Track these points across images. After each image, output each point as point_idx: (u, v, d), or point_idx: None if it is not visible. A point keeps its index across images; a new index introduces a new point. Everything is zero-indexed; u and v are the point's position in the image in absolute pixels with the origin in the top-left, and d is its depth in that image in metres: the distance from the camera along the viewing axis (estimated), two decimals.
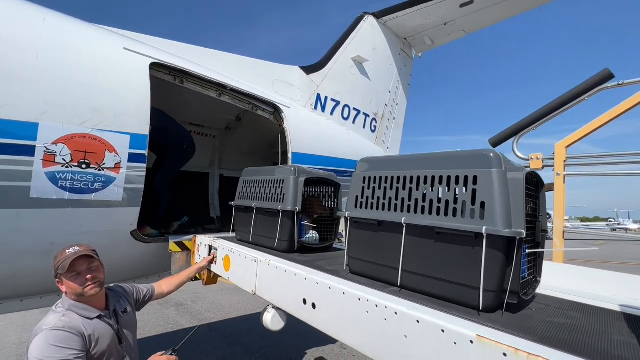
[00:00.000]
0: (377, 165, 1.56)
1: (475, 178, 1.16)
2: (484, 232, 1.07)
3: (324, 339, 5.05)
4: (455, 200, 1.21)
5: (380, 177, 1.47)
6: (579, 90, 2.14)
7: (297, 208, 2.10)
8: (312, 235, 2.29)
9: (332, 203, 2.51)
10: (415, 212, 1.31)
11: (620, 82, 2.08)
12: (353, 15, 5.61)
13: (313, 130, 4.03)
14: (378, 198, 1.46)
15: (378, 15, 5.52)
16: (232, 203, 2.71)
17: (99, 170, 2.25)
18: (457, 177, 1.21)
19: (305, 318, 1.59)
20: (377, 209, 1.45)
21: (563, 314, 1.19)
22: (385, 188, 1.44)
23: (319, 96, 4.78)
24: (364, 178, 1.55)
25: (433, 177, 1.29)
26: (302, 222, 2.21)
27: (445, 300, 1.22)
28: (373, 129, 5.75)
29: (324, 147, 4.00)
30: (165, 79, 2.91)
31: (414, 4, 5.10)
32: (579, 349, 0.87)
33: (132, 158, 2.40)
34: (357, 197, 1.56)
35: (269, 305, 1.86)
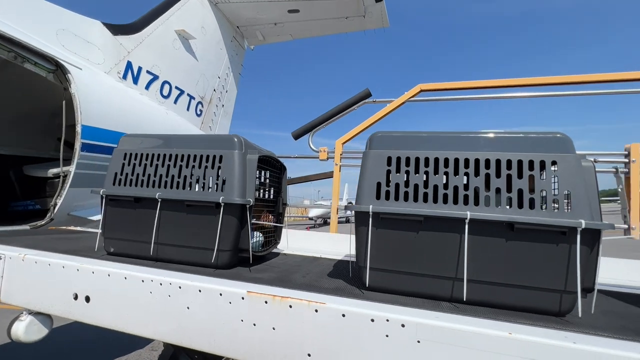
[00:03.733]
0: (408, 142, 1.18)
1: (553, 163, 1.02)
2: (583, 226, 0.93)
3: (127, 345, 4.42)
4: (523, 190, 1.03)
5: (417, 159, 1.13)
6: (349, 102, 2.87)
7: (251, 200, 1.44)
8: (258, 238, 1.67)
9: (275, 193, 1.87)
10: (477, 204, 1.05)
11: (375, 100, 2.90)
12: None
13: (117, 102, 3.39)
14: (416, 186, 1.11)
15: None
16: (102, 192, 1.60)
17: None
18: (531, 162, 1.03)
19: (78, 315, 1.35)
20: (416, 200, 1.11)
21: (610, 303, 1.19)
22: (427, 172, 1.12)
23: (130, 65, 4.06)
24: (389, 159, 1.16)
25: (498, 161, 1.06)
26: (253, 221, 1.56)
27: (521, 310, 1.03)
28: (199, 112, 5.45)
29: (132, 125, 3.45)
30: None
31: None
32: None
33: None
34: (379, 184, 1.16)
35: (23, 313, 1.45)
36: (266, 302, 1.06)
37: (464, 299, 1.05)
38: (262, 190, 1.83)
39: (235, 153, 1.47)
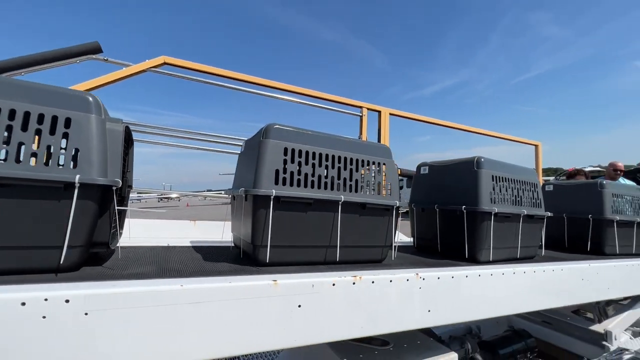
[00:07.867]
0: (300, 137, 1.43)
1: (384, 164, 1.57)
2: (397, 204, 1.52)
3: None
4: (352, 180, 1.48)
5: (307, 152, 1.41)
6: (70, 52, 2.27)
7: (119, 182, 1.12)
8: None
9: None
10: (344, 190, 1.44)
11: (106, 58, 2.38)
12: None
13: None
14: (306, 175, 1.38)
15: None
16: None
17: None
18: (372, 162, 1.54)
19: None
20: (306, 186, 1.38)
21: (401, 252, 1.90)
22: (314, 164, 1.41)
23: None
24: (285, 150, 1.37)
25: (357, 160, 1.50)
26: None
27: (365, 262, 1.51)
28: None
29: None
30: None
31: None
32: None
33: None
34: (277, 171, 1.34)
35: None
36: None
37: (337, 260, 1.42)
38: None
39: (93, 118, 1.08)
